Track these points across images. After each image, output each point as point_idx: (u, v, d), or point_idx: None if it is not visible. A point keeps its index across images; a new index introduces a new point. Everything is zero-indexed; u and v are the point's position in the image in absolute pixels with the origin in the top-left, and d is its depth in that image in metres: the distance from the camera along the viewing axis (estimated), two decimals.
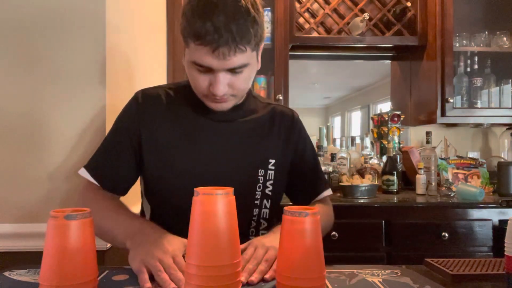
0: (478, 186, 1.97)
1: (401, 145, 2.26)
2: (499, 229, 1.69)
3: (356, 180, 1.91)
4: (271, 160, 0.99)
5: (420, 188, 1.97)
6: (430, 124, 2.20)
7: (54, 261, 0.57)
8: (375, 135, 2.34)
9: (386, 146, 2.14)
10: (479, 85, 2.19)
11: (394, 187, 1.99)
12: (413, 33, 2.18)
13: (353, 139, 2.30)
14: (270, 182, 0.98)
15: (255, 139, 0.99)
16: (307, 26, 2.16)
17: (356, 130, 2.99)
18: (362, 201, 1.76)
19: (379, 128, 2.30)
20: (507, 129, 2.31)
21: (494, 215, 1.71)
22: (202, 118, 0.96)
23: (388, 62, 2.58)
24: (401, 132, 2.26)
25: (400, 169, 2.12)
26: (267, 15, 2.05)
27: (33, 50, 1.12)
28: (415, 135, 2.44)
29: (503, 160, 2.26)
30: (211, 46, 0.79)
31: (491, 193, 2.02)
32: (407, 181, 2.18)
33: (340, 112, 3.21)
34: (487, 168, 2.13)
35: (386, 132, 2.24)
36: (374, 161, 2.16)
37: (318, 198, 1.08)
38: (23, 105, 1.12)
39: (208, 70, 0.84)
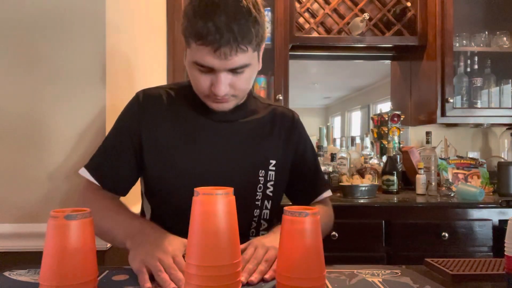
0: (478, 186, 1.97)
1: (401, 145, 2.26)
2: (499, 229, 1.69)
3: (356, 180, 1.91)
4: (272, 161, 0.99)
5: (420, 188, 1.97)
6: (430, 124, 2.19)
7: (54, 261, 0.57)
8: (375, 135, 2.34)
9: (386, 146, 2.14)
10: (479, 85, 2.19)
11: (394, 187, 1.99)
12: (413, 33, 2.18)
13: (353, 139, 2.30)
14: (271, 183, 0.98)
15: (256, 140, 0.99)
16: (307, 26, 2.16)
17: (356, 130, 2.99)
18: (362, 201, 1.76)
19: (379, 128, 2.30)
20: (507, 129, 2.31)
21: (494, 215, 1.71)
22: (203, 119, 0.96)
23: (388, 62, 2.58)
24: (401, 132, 2.26)
25: (400, 169, 2.12)
26: (267, 15, 2.05)
27: (33, 50, 1.12)
28: (415, 135, 2.44)
29: (503, 160, 2.26)
30: (213, 46, 0.79)
31: (491, 193, 2.01)
32: (407, 181, 2.18)
33: (340, 112, 3.21)
34: (487, 168, 2.13)
35: (386, 132, 2.24)
36: (374, 161, 2.16)
37: (318, 199, 1.08)
38: (23, 105, 1.12)
39: (210, 70, 0.84)
